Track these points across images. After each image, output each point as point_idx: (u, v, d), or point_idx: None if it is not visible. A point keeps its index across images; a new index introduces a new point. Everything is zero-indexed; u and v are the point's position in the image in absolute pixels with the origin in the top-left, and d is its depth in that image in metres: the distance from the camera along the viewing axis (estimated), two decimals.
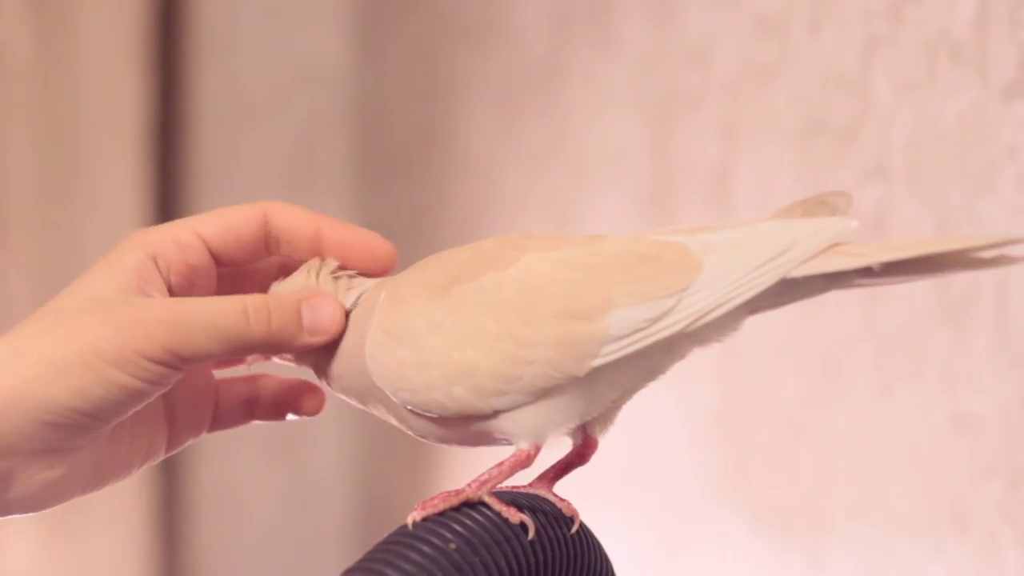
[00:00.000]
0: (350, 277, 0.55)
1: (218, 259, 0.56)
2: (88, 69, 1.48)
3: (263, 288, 0.57)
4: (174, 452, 0.58)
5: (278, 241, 0.56)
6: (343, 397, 0.55)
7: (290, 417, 0.59)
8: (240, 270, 0.58)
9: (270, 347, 0.53)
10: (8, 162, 1.43)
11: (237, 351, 0.53)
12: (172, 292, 0.55)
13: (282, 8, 1.66)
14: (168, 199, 1.57)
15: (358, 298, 0.54)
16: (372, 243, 0.55)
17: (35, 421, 0.50)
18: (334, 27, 1.67)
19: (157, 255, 0.54)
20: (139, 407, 0.52)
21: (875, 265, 0.48)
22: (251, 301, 0.53)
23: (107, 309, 0.51)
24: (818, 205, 0.51)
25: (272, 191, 1.63)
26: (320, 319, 0.53)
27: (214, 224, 0.55)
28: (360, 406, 0.54)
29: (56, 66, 1.46)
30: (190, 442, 0.58)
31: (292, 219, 0.56)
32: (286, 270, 0.57)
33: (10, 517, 0.53)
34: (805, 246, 0.49)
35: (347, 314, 0.54)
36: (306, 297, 0.54)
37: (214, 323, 0.52)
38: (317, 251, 0.56)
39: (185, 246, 0.55)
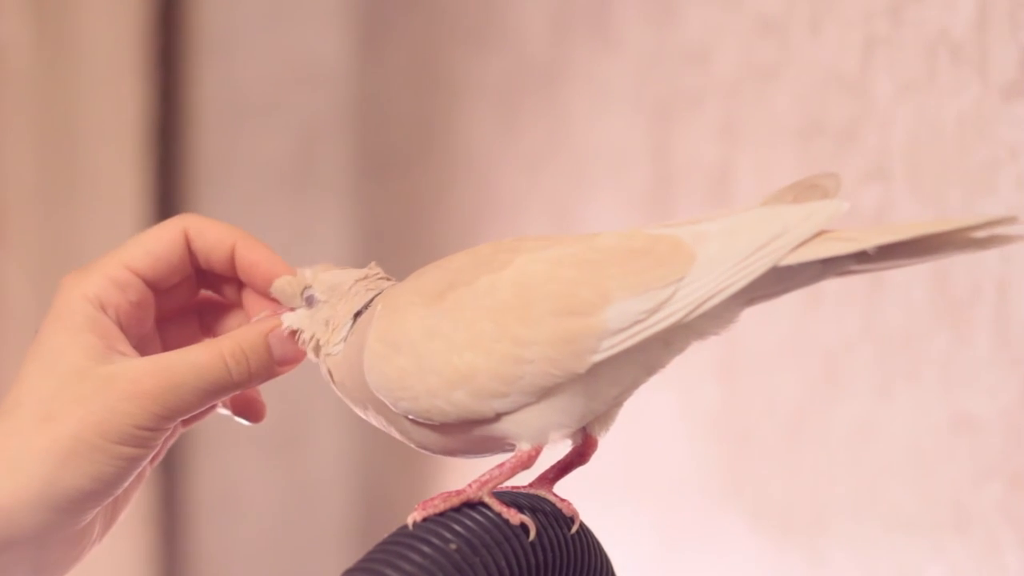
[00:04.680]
0: (378, 279, 0.56)
1: (151, 285, 0.57)
2: (88, 69, 1.48)
3: (188, 289, 0.59)
4: (158, 461, 0.59)
5: (198, 258, 0.58)
6: (346, 402, 0.55)
7: (221, 411, 0.60)
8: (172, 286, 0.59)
9: (250, 386, 0.56)
10: (8, 162, 1.43)
11: (222, 397, 0.55)
12: (124, 332, 0.56)
13: (282, 8, 1.66)
14: (168, 199, 1.57)
15: (371, 300, 0.54)
16: (276, 273, 0.57)
17: (57, 511, 0.52)
18: (334, 27, 1.67)
19: (103, 303, 0.55)
20: (141, 468, 0.55)
21: (870, 249, 0.48)
22: (227, 348, 0.55)
23: (93, 387, 0.53)
24: (809, 189, 0.51)
25: (272, 191, 1.63)
26: (288, 351, 0.56)
27: (141, 256, 0.57)
28: (361, 414, 0.54)
29: (56, 66, 1.46)
30: (169, 444, 0.59)
31: (210, 238, 0.57)
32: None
33: None
34: (796, 231, 0.48)
35: (357, 315, 0.54)
36: (269, 329, 0.55)
37: (199, 383, 0.54)
38: (233, 268, 0.57)
39: (124, 285, 0.56)
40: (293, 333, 0.56)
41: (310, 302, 0.55)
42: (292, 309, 0.56)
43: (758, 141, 0.87)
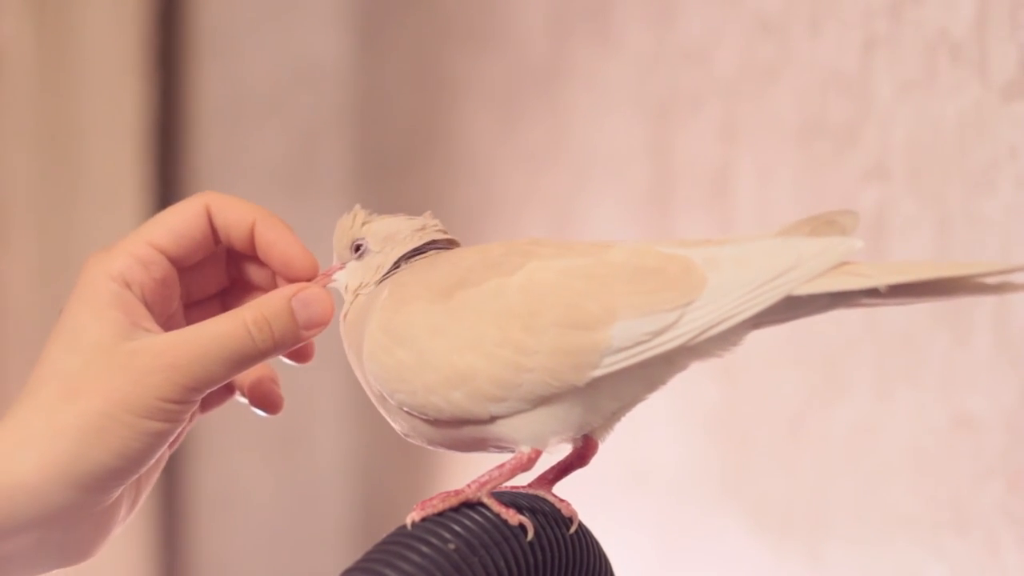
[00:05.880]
0: (436, 231, 0.56)
1: (176, 263, 0.57)
2: (88, 69, 1.48)
3: (217, 273, 0.59)
4: (177, 445, 0.59)
5: (219, 235, 0.58)
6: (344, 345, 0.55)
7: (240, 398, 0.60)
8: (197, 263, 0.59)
9: (277, 354, 0.55)
10: (8, 162, 1.43)
11: (249, 367, 0.55)
12: (149, 310, 0.56)
13: (282, 8, 1.66)
14: (168, 199, 1.57)
15: (392, 268, 0.54)
16: (291, 253, 0.57)
17: (83, 488, 0.52)
18: (334, 27, 1.67)
19: (127, 281, 0.55)
20: (168, 443, 0.54)
21: (881, 287, 0.48)
22: (249, 316, 0.54)
23: (118, 362, 0.52)
24: (825, 224, 0.51)
25: (272, 191, 1.63)
26: (313, 314, 0.55)
27: (165, 233, 0.56)
28: (353, 366, 0.55)
29: (56, 66, 1.46)
30: (188, 429, 0.59)
31: (231, 214, 0.57)
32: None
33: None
34: (810, 265, 0.49)
35: (398, 263, 0.54)
36: (294, 293, 0.55)
37: (222, 353, 0.53)
38: (252, 247, 0.57)
39: (148, 263, 0.56)
40: (328, 299, 0.55)
41: (361, 253, 0.55)
42: (343, 266, 0.56)
43: (758, 141, 0.87)
